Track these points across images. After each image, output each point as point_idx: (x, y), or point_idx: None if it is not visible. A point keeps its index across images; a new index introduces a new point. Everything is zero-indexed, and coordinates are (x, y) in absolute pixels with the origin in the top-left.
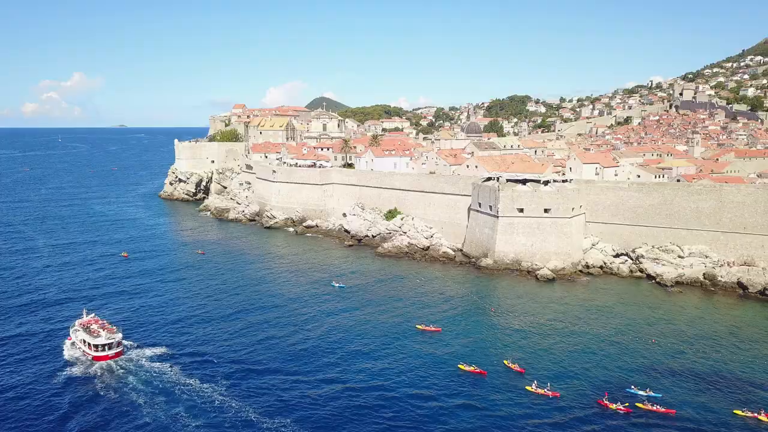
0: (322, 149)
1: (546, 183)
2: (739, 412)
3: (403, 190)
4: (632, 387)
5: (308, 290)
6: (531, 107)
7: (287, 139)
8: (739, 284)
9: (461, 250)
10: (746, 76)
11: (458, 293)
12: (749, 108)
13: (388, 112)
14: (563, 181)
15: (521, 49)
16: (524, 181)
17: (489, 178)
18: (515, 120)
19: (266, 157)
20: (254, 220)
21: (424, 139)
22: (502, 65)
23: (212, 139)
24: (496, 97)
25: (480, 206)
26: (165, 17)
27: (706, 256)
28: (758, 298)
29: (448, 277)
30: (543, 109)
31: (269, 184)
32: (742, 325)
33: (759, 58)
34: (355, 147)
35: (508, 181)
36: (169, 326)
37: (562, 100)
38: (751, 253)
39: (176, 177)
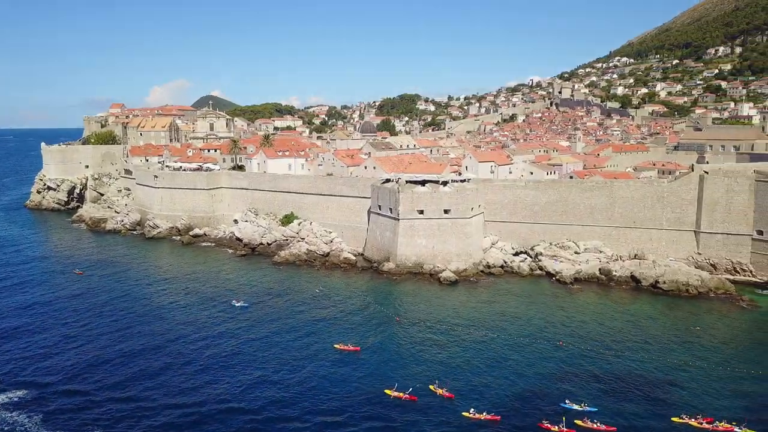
0: (209, 151)
1: (445, 183)
2: (677, 419)
3: (299, 193)
4: (567, 402)
5: (205, 312)
6: (421, 106)
7: (171, 140)
8: (633, 278)
9: (362, 255)
10: (615, 76)
11: (366, 303)
12: (620, 105)
13: (280, 111)
14: (462, 181)
15: (409, 49)
16: (423, 182)
17: (388, 180)
18: (406, 118)
19: (147, 160)
20: (135, 230)
21: (319, 138)
22: (390, 64)
23: (86, 141)
24: (386, 95)
25: (380, 209)
26: (34, 6)
27: (601, 251)
28: (650, 291)
29: (353, 285)
30: (432, 108)
31: (151, 190)
32: (642, 320)
33: (624, 59)
34: (245, 148)
35: (407, 182)
36: (37, 364)
37: (450, 98)
38: (641, 247)
39: (44, 184)
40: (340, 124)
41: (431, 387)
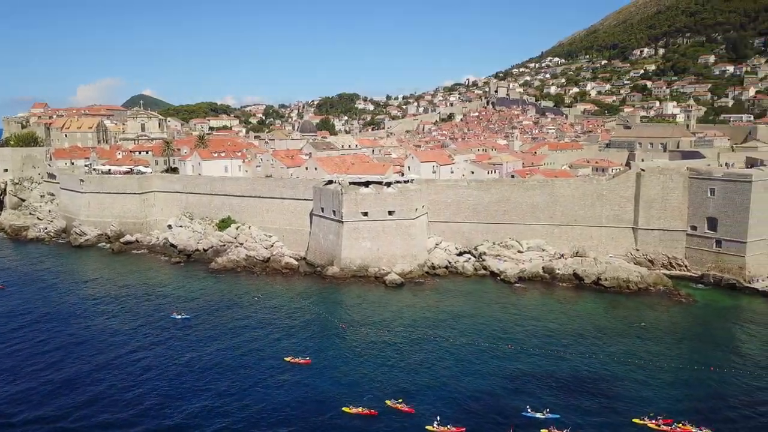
0: (140, 153)
1: (388, 184)
2: (637, 421)
3: (237, 196)
4: (528, 410)
5: (142, 327)
6: (360, 105)
7: (99, 142)
8: (575, 275)
9: (305, 259)
10: (548, 75)
11: (312, 311)
12: (554, 104)
13: (215, 110)
14: (405, 181)
15: (346, 48)
16: (367, 183)
17: (330, 181)
18: (346, 118)
19: (73, 163)
20: (60, 239)
21: (256, 137)
22: (328, 63)
23: (5, 143)
24: (325, 95)
25: (323, 211)
26: None
27: (543, 250)
28: (593, 288)
29: (297, 291)
30: (371, 107)
31: (77, 195)
32: (588, 318)
33: (556, 59)
34: (179, 149)
35: (350, 183)
36: None
37: (389, 97)
38: (582, 244)
39: None
40: (278, 124)
41: (388, 402)
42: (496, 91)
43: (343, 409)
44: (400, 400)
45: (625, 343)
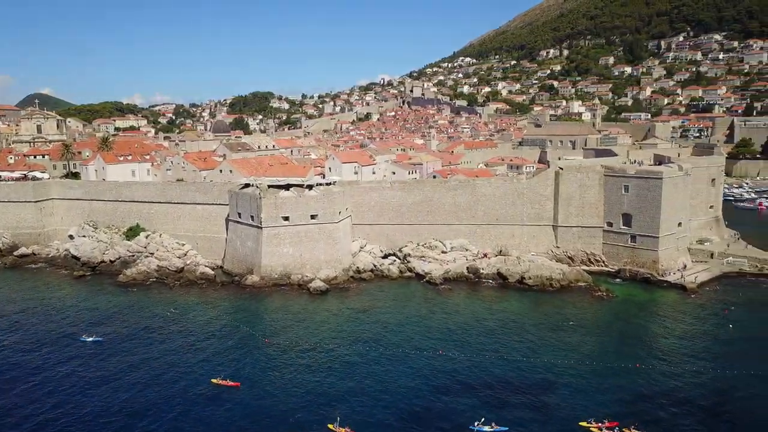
0: (35, 156)
1: (310, 187)
2: (583, 424)
3: (145, 202)
4: (476, 424)
5: (48, 352)
6: (275, 104)
7: None
8: (499, 275)
9: (222, 268)
10: (461, 75)
11: (233, 325)
12: (467, 103)
13: (121, 110)
14: (328, 183)
15: (258, 46)
16: (287, 186)
17: (247, 184)
18: (260, 117)
19: None
20: None
21: (166, 138)
22: (240, 61)
23: None
24: (238, 93)
25: (240, 216)
26: None
27: (467, 249)
28: (517, 286)
29: (214, 304)
30: (287, 106)
31: None
32: (516, 318)
33: (468, 59)
34: (80, 152)
35: (269, 187)
36: None
37: (304, 96)
38: (504, 243)
39: None
40: (189, 124)
41: (330, 426)
42: (412, 91)
43: None
44: (338, 421)
45: (556, 341)
